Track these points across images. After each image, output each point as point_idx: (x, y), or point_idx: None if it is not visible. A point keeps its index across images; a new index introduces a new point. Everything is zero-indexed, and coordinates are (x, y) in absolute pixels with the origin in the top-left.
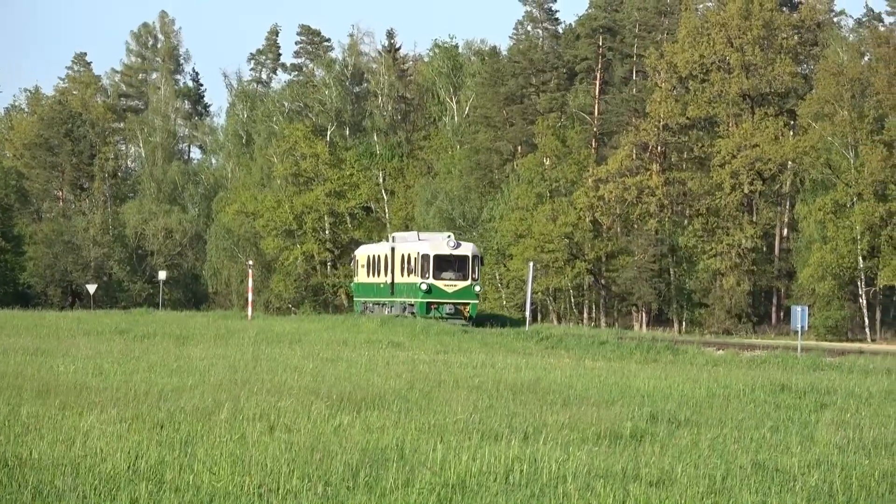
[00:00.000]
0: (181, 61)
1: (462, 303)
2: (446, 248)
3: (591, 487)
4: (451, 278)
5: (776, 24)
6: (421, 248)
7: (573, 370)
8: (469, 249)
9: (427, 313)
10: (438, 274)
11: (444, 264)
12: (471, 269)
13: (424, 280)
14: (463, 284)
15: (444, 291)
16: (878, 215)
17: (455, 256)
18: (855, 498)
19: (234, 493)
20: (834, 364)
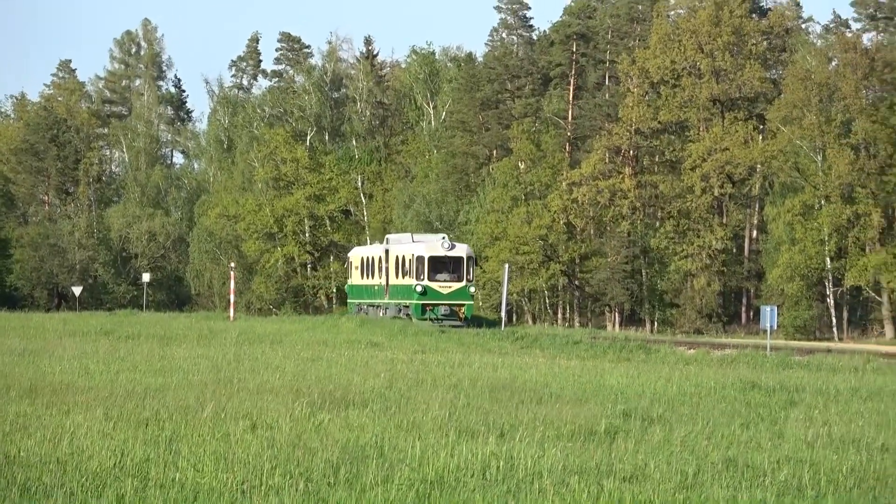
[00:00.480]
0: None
1: (457, 304)
2: (441, 249)
3: (566, 483)
4: (446, 280)
5: (745, 30)
6: (416, 249)
7: (548, 369)
8: (463, 251)
9: (422, 315)
10: (433, 275)
11: (439, 266)
12: (465, 271)
13: (419, 282)
14: (458, 285)
15: (439, 293)
16: (845, 217)
17: (450, 258)
18: (823, 493)
19: (217, 490)
20: (802, 362)
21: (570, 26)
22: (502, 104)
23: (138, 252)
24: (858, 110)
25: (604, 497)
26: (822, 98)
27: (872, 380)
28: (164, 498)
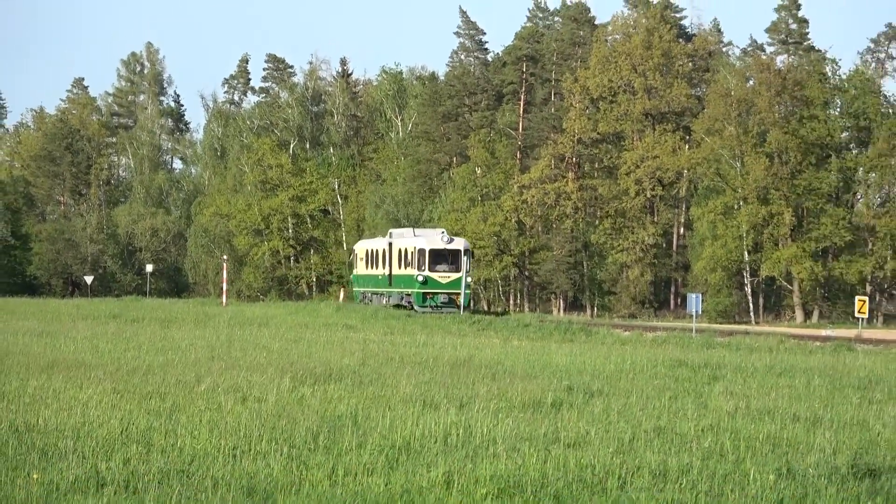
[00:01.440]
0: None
1: (455, 293)
2: (440, 242)
3: (517, 448)
4: (445, 270)
5: (673, 53)
6: (417, 243)
7: (501, 349)
8: (461, 244)
9: (423, 303)
10: (433, 266)
11: (439, 258)
12: (462, 262)
13: (421, 272)
14: (456, 276)
15: (439, 282)
16: (760, 216)
17: (448, 250)
18: (743, 457)
19: (211, 454)
20: (724, 343)
21: (520, 49)
22: (461, 117)
23: (142, 246)
24: (772, 123)
25: (551, 461)
26: (741, 112)
27: (785, 358)
28: (164, 461)
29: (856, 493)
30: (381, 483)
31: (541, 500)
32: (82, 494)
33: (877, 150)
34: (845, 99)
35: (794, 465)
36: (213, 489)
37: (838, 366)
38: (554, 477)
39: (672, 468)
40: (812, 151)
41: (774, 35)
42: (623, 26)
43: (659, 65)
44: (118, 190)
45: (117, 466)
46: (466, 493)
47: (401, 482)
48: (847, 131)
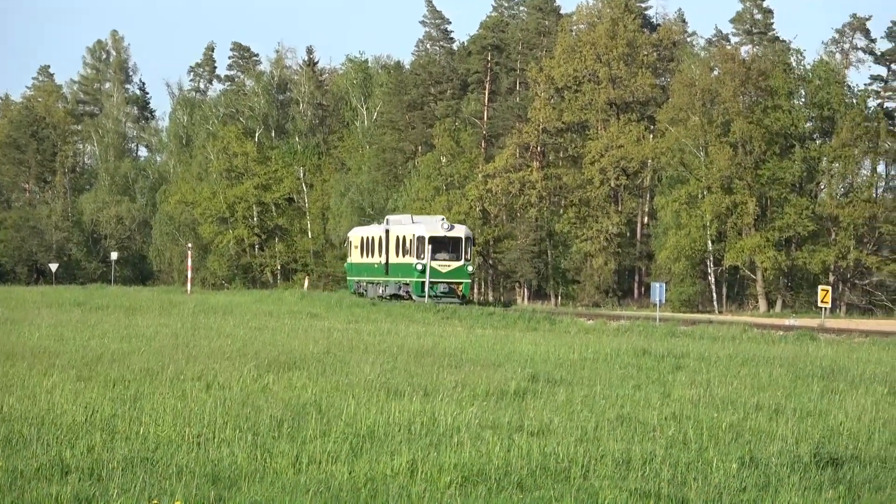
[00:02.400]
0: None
1: (455, 282)
2: (441, 230)
3: (481, 437)
4: (446, 259)
5: (638, 43)
6: (416, 230)
7: (465, 337)
8: (462, 231)
9: (422, 292)
10: (433, 255)
11: (439, 245)
12: (464, 250)
13: (420, 261)
14: (456, 264)
15: (439, 271)
16: (724, 206)
17: (449, 238)
18: (706, 446)
19: (176, 442)
20: (687, 332)
21: (485, 38)
22: (426, 106)
23: (107, 233)
24: (736, 113)
25: (514, 449)
26: (705, 102)
27: (748, 347)
28: (129, 449)
29: (818, 481)
30: (345, 471)
31: (504, 488)
32: (46, 481)
33: (840, 140)
34: (809, 89)
35: (756, 454)
36: (177, 476)
37: (801, 355)
38: (518, 465)
39: (635, 456)
40: (776, 141)
41: (739, 25)
42: (588, 16)
43: (623, 55)
44: (83, 177)
45: (81, 454)
46: (430, 481)
47: (365, 470)
48: (811, 121)
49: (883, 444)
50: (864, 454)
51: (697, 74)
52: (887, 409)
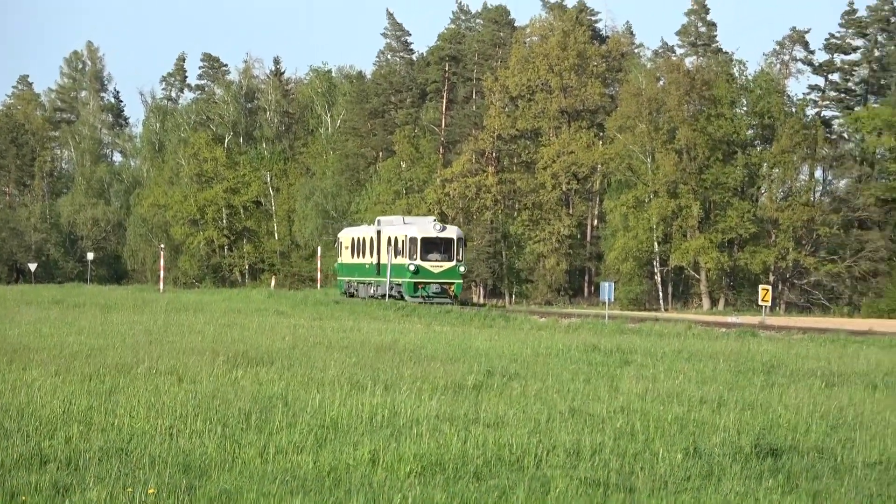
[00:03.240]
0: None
1: (447, 282)
2: (433, 231)
3: (439, 428)
4: (438, 259)
5: (588, 54)
6: (409, 231)
7: (424, 334)
8: (454, 232)
9: (414, 292)
10: (425, 255)
11: (431, 246)
12: (455, 251)
13: (412, 261)
14: (448, 265)
15: (431, 272)
16: (670, 209)
17: (441, 239)
18: (652, 437)
19: (149, 433)
20: (634, 329)
21: (443, 50)
22: (387, 114)
23: (84, 235)
24: (681, 121)
25: (471, 440)
26: (651, 111)
27: (692, 343)
28: (104, 439)
29: (759, 471)
30: (310, 461)
31: (461, 477)
32: (26, 471)
33: (780, 147)
34: (751, 98)
35: (700, 445)
36: (150, 466)
37: (743, 351)
38: (474, 455)
39: (585, 447)
40: (719, 148)
41: (684, 37)
42: (540, 28)
43: (574, 65)
44: (61, 181)
45: (59, 444)
46: (391, 471)
47: (329, 460)
48: (752, 129)
49: (820, 436)
50: (802, 445)
51: (644, 84)
52: (824, 402)
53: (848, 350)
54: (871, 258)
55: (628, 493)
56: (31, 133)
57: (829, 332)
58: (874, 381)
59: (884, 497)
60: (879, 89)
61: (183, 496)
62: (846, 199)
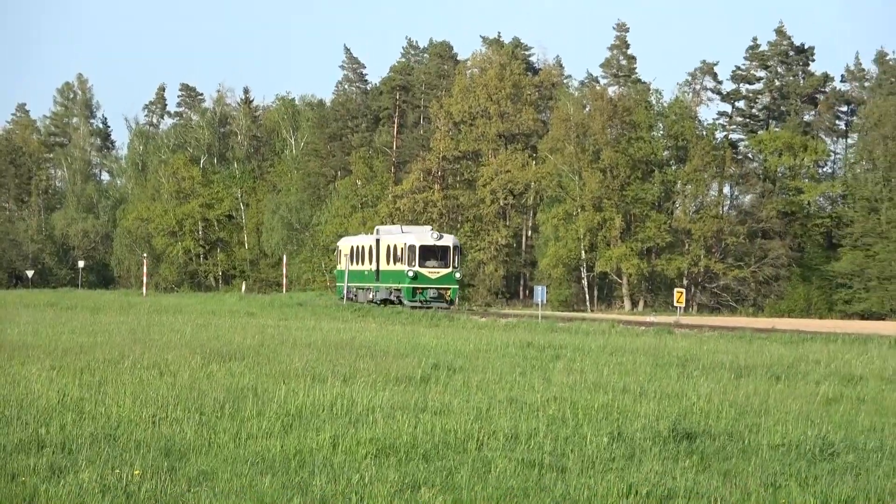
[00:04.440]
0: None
1: (444, 287)
2: (430, 239)
3: (392, 416)
4: (435, 266)
5: (522, 84)
6: (407, 239)
7: (378, 332)
8: (450, 241)
9: (413, 297)
10: (423, 262)
11: (429, 253)
12: (451, 258)
13: (411, 268)
14: (445, 271)
15: (428, 278)
16: (595, 221)
17: (438, 247)
18: (581, 423)
19: (134, 421)
20: (564, 327)
21: (394, 80)
22: (344, 137)
23: (75, 245)
24: (605, 143)
25: (420, 426)
26: (579, 134)
27: (615, 340)
28: (95, 426)
29: (675, 452)
30: (277, 445)
31: (412, 458)
32: (25, 454)
33: (692, 166)
34: (666, 123)
35: (623, 430)
36: (136, 450)
37: (660, 346)
38: (423, 440)
39: (522, 432)
40: (638, 167)
41: (607, 69)
42: (480, 62)
43: (510, 94)
44: (55, 198)
45: (55, 431)
46: (350, 453)
47: (294, 444)
48: (668, 150)
49: (729, 421)
50: (714, 429)
51: (572, 111)
52: (732, 391)
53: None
54: (773, 264)
55: (560, 472)
56: (28, 155)
57: (737, 330)
58: (777, 373)
59: (786, 475)
60: (780, 115)
61: (165, 477)
62: (751, 212)
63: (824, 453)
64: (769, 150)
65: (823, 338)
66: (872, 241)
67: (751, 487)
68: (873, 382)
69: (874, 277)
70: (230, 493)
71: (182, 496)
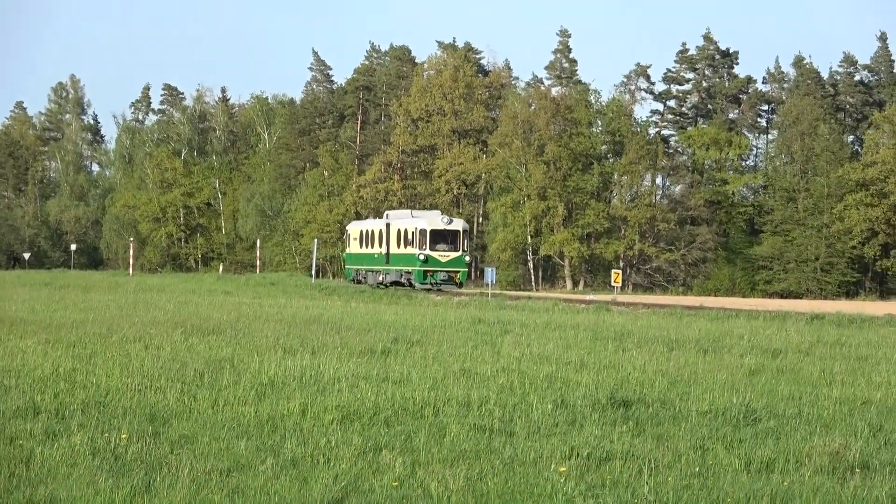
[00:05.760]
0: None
1: (454, 270)
2: (441, 223)
3: (356, 385)
4: (445, 249)
5: (474, 84)
6: (418, 223)
7: (343, 309)
8: (460, 225)
9: (423, 280)
10: (434, 246)
11: (439, 237)
12: (461, 242)
13: (422, 251)
14: (455, 255)
15: (439, 261)
16: (540, 209)
17: (448, 230)
18: (527, 391)
19: (122, 389)
20: (512, 305)
21: (358, 81)
22: (313, 132)
23: (68, 230)
24: (549, 138)
25: (382, 394)
26: (525, 130)
27: (558, 317)
28: (85, 394)
29: (613, 418)
30: (251, 411)
31: (375, 424)
32: (23, 419)
33: (628, 159)
34: (604, 120)
35: (566, 398)
36: (123, 416)
37: (599, 323)
38: (384, 406)
39: (474, 399)
40: (579, 160)
41: (551, 71)
42: (436, 64)
43: (463, 93)
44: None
45: (49, 398)
46: (317, 419)
47: (267, 410)
48: (606, 145)
49: (662, 390)
50: (648, 397)
51: (519, 109)
52: (664, 363)
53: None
54: (700, 248)
55: (509, 436)
56: (25, 148)
57: (668, 308)
58: (704, 347)
59: (713, 439)
60: (707, 113)
61: (150, 440)
62: (681, 201)
63: (748, 419)
64: (697, 144)
65: (746, 315)
66: (790, 228)
67: (681, 450)
68: (792, 355)
69: (792, 260)
70: (209, 454)
71: (165, 458)
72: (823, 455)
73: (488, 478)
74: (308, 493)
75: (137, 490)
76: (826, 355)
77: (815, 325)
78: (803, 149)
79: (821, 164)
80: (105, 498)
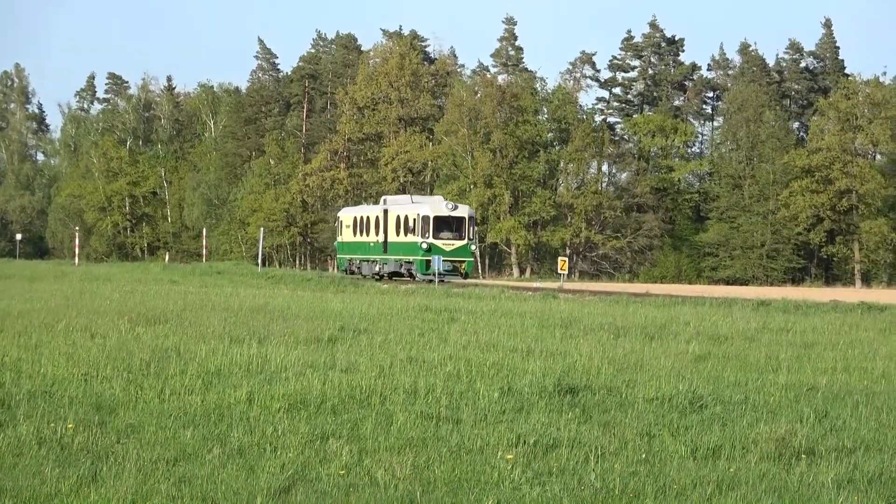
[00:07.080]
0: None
1: (458, 260)
2: (445, 209)
3: (303, 373)
4: (449, 238)
5: (420, 72)
6: (420, 209)
7: (290, 297)
8: (465, 211)
9: (426, 270)
10: (437, 234)
11: (443, 225)
12: (467, 230)
13: (425, 239)
14: (460, 243)
15: (443, 250)
16: (486, 197)
17: (453, 217)
18: (474, 379)
19: (68, 379)
20: (459, 293)
21: (304, 69)
22: (259, 121)
23: (13, 220)
24: (495, 126)
25: (329, 382)
26: (471, 118)
27: (505, 304)
28: (32, 384)
29: (560, 405)
30: (198, 400)
31: (322, 412)
32: None
33: (574, 147)
34: (550, 108)
35: (513, 385)
36: (69, 405)
37: (545, 310)
38: (332, 395)
39: (421, 387)
40: (525, 148)
41: (497, 59)
42: (382, 52)
43: (409, 81)
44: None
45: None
46: (265, 408)
47: (214, 399)
48: (552, 132)
49: (608, 377)
50: (594, 384)
51: (465, 97)
52: (611, 350)
53: (629, 308)
54: (646, 235)
55: (456, 423)
56: None
57: (614, 295)
58: (651, 333)
59: (660, 426)
60: (652, 100)
61: (96, 430)
62: (627, 188)
63: (694, 405)
64: (643, 132)
65: (692, 301)
66: (736, 214)
67: (628, 437)
68: (737, 341)
69: (738, 247)
70: (155, 444)
71: (112, 447)
72: (770, 441)
73: (435, 466)
74: (255, 481)
75: (84, 480)
76: (772, 341)
77: (761, 311)
78: (749, 135)
79: (766, 151)
80: (51, 488)
